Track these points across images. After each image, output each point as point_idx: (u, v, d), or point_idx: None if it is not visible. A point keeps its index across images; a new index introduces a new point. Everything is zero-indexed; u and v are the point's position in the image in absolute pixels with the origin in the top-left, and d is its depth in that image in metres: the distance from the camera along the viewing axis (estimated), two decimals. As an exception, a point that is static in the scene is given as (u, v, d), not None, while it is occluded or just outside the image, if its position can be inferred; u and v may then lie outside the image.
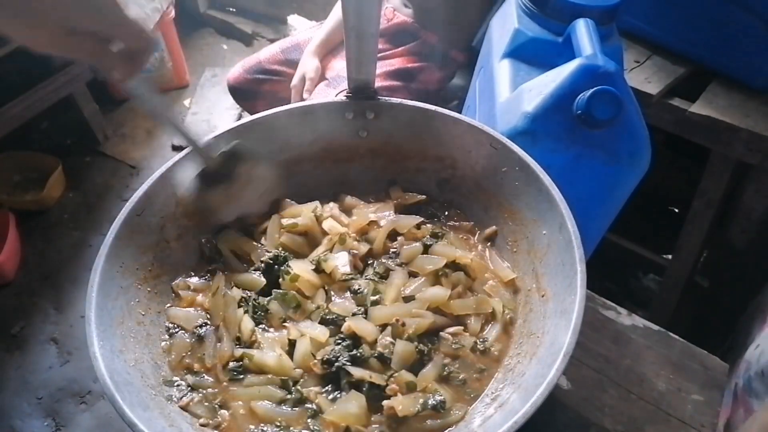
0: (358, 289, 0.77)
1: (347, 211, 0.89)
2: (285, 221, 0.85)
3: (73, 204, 2.22)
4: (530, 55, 1.05)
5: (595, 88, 0.85)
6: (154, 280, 0.78)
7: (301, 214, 0.86)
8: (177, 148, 2.39)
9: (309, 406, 0.68)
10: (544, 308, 0.71)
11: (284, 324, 0.75)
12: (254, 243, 0.85)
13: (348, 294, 0.77)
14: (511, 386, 0.66)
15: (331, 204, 0.89)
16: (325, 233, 0.85)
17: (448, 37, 1.69)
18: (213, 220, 0.85)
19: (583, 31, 0.94)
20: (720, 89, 1.33)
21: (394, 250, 0.83)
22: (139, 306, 0.74)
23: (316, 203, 0.88)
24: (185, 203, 0.83)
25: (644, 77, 1.36)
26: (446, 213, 0.90)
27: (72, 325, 1.82)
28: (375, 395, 0.67)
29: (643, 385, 0.87)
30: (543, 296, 0.72)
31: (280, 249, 0.82)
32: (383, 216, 0.86)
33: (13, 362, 1.73)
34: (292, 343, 0.73)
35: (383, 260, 0.82)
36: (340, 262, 0.80)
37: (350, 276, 0.79)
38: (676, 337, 0.94)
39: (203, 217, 0.84)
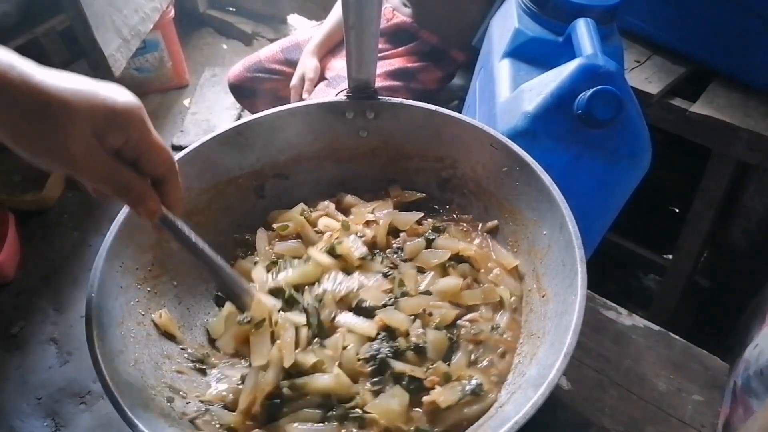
0: (387, 272, 0.78)
1: (346, 209, 0.89)
2: (276, 225, 0.85)
3: (72, 204, 2.22)
4: (530, 55, 1.05)
5: (596, 88, 0.85)
6: (154, 280, 0.78)
7: (290, 218, 0.86)
8: (176, 148, 2.39)
9: (354, 414, 0.66)
10: (544, 309, 0.71)
11: (333, 321, 0.73)
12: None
13: (378, 276, 0.78)
14: (512, 386, 0.66)
15: (326, 202, 0.89)
16: (319, 233, 0.85)
17: (447, 36, 1.69)
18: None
19: (583, 31, 0.94)
20: (720, 89, 1.33)
21: (398, 245, 0.83)
22: (139, 306, 0.74)
23: (301, 205, 0.88)
24: (186, 203, 0.83)
25: (644, 77, 1.36)
26: (446, 207, 0.90)
27: (72, 325, 1.82)
28: (413, 389, 0.67)
29: (643, 385, 0.87)
30: (543, 296, 0.72)
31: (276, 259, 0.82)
32: (382, 215, 0.86)
33: (12, 362, 1.73)
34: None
35: (387, 255, 0.82)
36: (354, 245, 0.80)
37: (368, 256, 0.80)
38: (677, 337, 0.94)
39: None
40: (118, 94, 0.54)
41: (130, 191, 0.57)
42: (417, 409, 0.66)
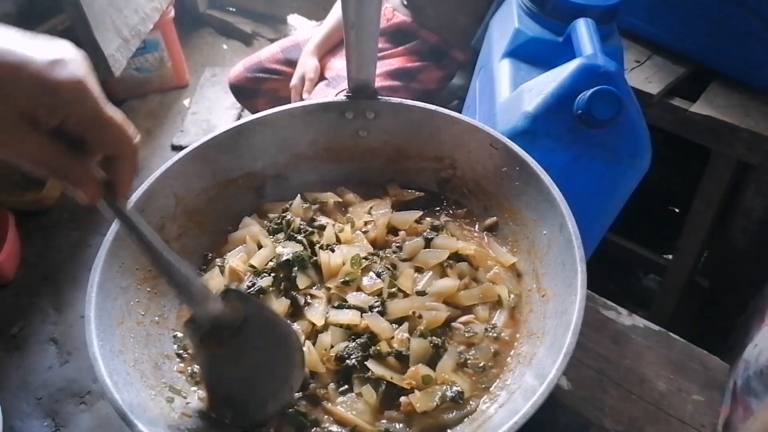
0: (381, 272, 0.78)
1: (345, 206, 0.90)
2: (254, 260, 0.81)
3: (72, 204, 2.22)
4: (530, 55, 1.05)
5: (596, 88, 0.85)
6: (154, 280, 0.78)
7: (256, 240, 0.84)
8: (176, 148, 2.39)
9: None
10: (544, 308, 0.71)
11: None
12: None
13: (371, 275, 0.78)
14: (512, 386, 0.66)
15: (328, 193, 0.90)
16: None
17: (447, 36, 1.69)
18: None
19: (583, 31, 0.94)
20: (720, 89, 1.33)
21: (398, 244, 0.83)
22: (139, 306, 0.74)
23: (299, 198, 0.88)
24: (186, 203, 0.83)
25: (644, 77, 1.36)
26: (446, 207, 0.91)
27: (72, 325, 1.82)
28: (392, 393, 0.67)
29: (643, 385, 0.87)
30: (543, 296, 0.72)
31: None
32: (380, 214, 0.86)
33: (12, 362, 1.72)
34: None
35: (387, 255, 0.82)
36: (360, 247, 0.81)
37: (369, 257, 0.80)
38: (676, 337, 0.94)
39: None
40: (55, 65, 0.46)
41: (66, 175, 0.50)
42: (392, 412, 0.67)
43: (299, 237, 0.82)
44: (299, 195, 0.88)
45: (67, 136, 0.49)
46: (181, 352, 0.75)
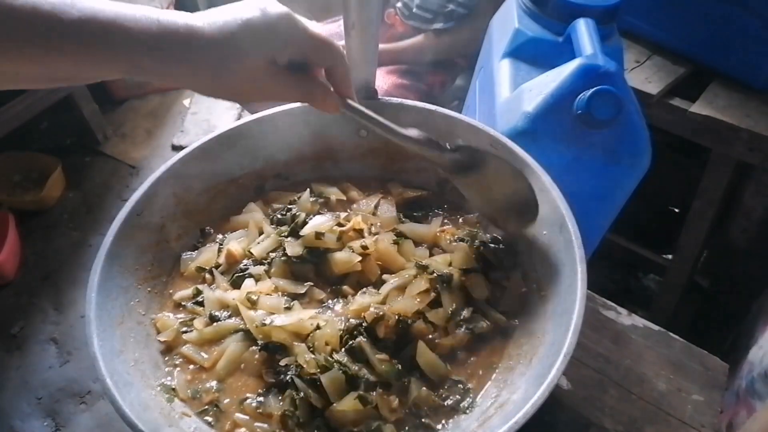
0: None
1: (349, 203, 0.90)
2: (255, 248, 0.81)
3: (73, 204, 2.21)
4: (530, 55, 1.05)
5: (596, 88, 0.84)
6: (154, 280, 0.78)
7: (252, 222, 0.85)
8: (176, 148, 2.39)
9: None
10: (544, 308, 0.71)
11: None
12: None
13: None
14: (512, 386, 0.66)
15: (334, 188, 0.90)
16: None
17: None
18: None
19: (583, 31, 0.94)
20: (720, 89, 1.33)
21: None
22: (139, 306, 0.74)
23: (308, 192, 0.87)
24: (186, 203, 0.83)
25: (644, 77, 1.36)
26: (446, 206, 0.90)
27: (72, 325, 1.81)
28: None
29: (643, 385, 0.87)
30: (543, 296, 0.72)
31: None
32: (387, 218, 0.85)
33: (12, 362, 1.72)
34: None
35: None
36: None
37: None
38: (676, 337, 0.94)
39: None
40: (268, 8, 0.55)
41: (313, 97, 0.62)
42: None
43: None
44: (308, 188, 0.88)
45: (294, 64, 0.58)
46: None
